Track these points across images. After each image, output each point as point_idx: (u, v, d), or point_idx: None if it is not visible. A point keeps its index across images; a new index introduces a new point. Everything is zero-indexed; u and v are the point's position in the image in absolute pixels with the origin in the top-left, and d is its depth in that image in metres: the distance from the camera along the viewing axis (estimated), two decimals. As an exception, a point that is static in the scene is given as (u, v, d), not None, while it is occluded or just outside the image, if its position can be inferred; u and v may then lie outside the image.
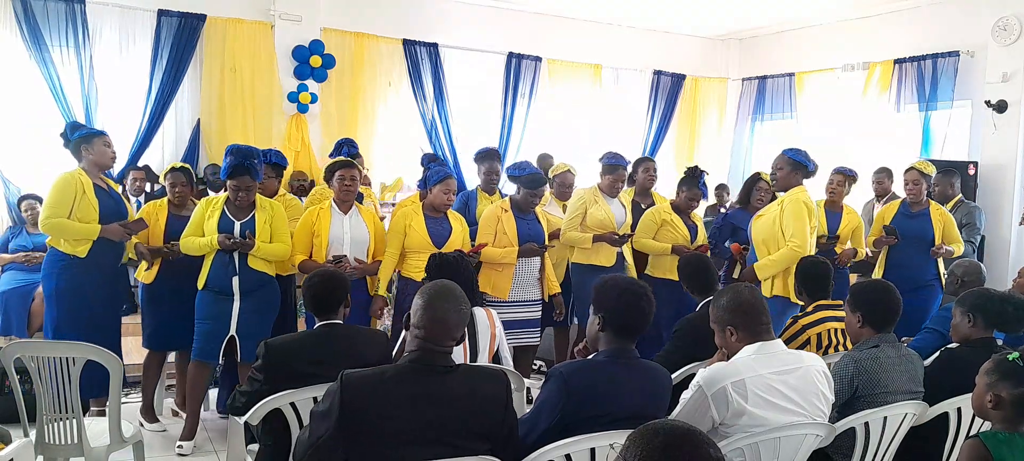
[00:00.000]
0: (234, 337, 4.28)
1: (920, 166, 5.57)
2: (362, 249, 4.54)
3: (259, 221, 4.29)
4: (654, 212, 5.28)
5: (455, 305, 2.31)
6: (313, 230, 4.45)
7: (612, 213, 5.13)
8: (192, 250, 4.28)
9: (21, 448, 2.32)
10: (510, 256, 4.73)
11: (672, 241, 5.14)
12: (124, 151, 7.19)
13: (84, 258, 4.27)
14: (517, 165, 4.99)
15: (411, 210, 4.66)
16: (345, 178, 4.48)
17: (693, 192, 5.21)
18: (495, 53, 8.72)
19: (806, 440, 2.56)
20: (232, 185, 4.23)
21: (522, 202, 4.85)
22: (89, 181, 4.29)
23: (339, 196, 4.51)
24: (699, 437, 1.43)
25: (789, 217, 4.47)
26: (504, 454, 2.26)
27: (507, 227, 4.77)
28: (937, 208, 5.55)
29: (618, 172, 5.17)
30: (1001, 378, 2.20)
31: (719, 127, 10.24)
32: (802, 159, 4.57)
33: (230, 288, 4.24)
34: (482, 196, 5.54)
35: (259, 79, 7.50)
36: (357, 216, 4.57)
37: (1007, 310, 3.24)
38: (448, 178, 4.65)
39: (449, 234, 4.64)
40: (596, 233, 5.06)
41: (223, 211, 4.26)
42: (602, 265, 5.06)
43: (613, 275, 2.80)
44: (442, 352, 2.28)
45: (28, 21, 6.65)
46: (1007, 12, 7.07)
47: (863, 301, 3.07)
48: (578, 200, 5.18)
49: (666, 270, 5.13)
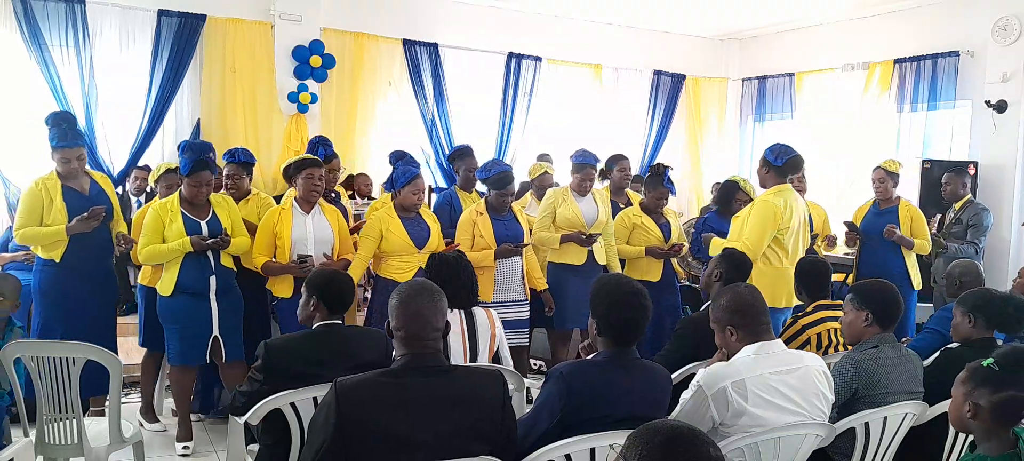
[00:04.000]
0: (217, 338, 4.26)
1: (886, 165, 5.67)
2: (327, 248, 4.45)
3: (222, 218, 4.28)
4: (624, 216, 5.29)
5: (428, 297, 2.32)
6: (275, 231, 4.37)
7: (581, 212, 5.07)
8: (157, 258, 4.20)
9: (21, 448, 2.32)
10: (487, 258, 4.70)
11: (644, 243, 5.15)
12: (124, 151, 7.21)
13: (60, 262, 4.22)
14: (484, 166, 4.97)
15: (385, 213, 4.54)
16: (313, 177, 4.38)
17: (659, 191, 5.20)
18: (495, 53, 8.72)
19: (806, 440, 2.56)
20: (192, 182, 4.17)
21: (495, 202, 4.84)
22: (56, 184, 4.22)
23: (303, 195, 4.40)
24: (699, 437, 1.43)
25: (751, 217, 4.46)
26: (503, 455, 2.26)
27: (483, 230, 4.76)
28: (906, 205, 5.65)
29: (586, 171, 5.11)
30: (978, 385, 2.08)
31: (719, 127, 10.24)
32: (769, 156, 4.49)
33: (206, 289, 4.22)
34: (463, 196, 5.53)
35: (259, 79, 7.49)
36: (320, 215, 4.46)
37: (1007, 311, 3.24)
38: (416, 178, 4.56)
39: (429, 234, 4.58)
40: (565, 233, 5.04)
41: (183, 214, 4.20)
42: (572, 263, 5.06)
43: (606, 278, 2.80)
44: (430, 349, 2.27)
45: (28, 20, 6.65)
46: (1007, 12, 7.07)
47: (871, 299, 3.06)
48: (548, 200, 5.16)
49: (643, 271, 5.13)
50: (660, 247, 5.12)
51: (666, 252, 5.11)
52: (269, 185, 7.24)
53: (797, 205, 4.55)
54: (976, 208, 6.14)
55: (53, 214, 4.19)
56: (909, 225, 5.53)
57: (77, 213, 4.18)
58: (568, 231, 5.03)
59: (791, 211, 4.47)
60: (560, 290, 5.05)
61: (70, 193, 4.26)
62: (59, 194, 4.21)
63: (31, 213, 4.19)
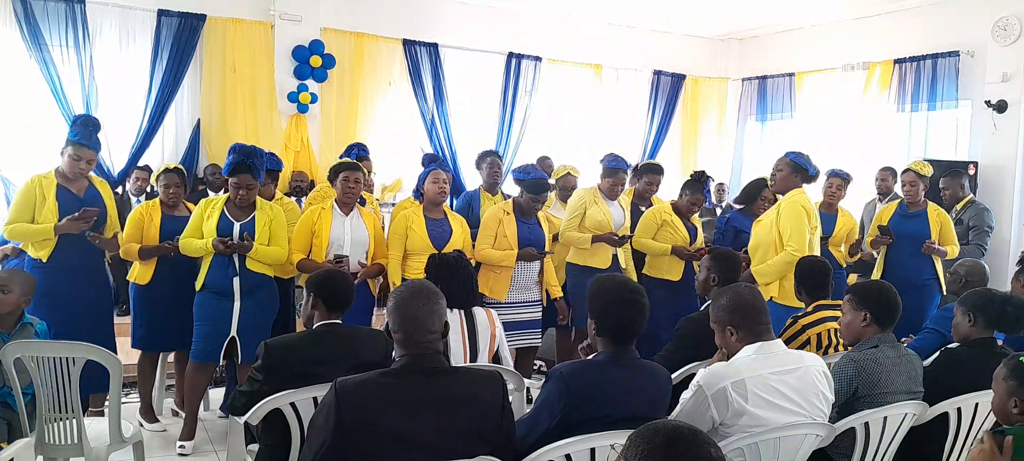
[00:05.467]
0: (235, 338, 4.27)
1: (917, 167, 5.58)
2: (362, 251, 4.53)
3: (259, 222, 4.28)
4: (654, 212, 5.28)
5: (424, 299, 2.31)
6: (313, 230, 4.45)
7: (611, 215, 5.13)
8: (190, 251, 4.26)
9: (21, 448, 2.32)
10: (508, 259, 4.72)
11: (671, 242, 5.13)
12: (124, 151, 7.21)
13: (47, 262, 4.21)
14: (523, 169, 4.97)
15: (411, 212, 4.65)
16: (349, 180, 4.48)
17: (696, 197, 5.21)
18: (495, 53, 8.72)
19: (806, 440, 2.56)
20: (233, 183, 4.21)
21: (525, 206, 4.85)
22: (52, 183, 4.23)
23: (342, 197, 4.51)
24: (699, 437, 1.43)
25: (786, 221, 4.45)
26: (502, 455, 2.26)
27: (508, 230, 4.77)
28: (935, 209, 5.55)
29: (618, 176, 5.16)
30: (1020, 384, 2.19)
31: (719, 127, 10.24)
32: (804, 163, 4.55)
33: (230, 289, 4.23)
34: (485, 196, 5.55)
35: (259, 79, 7.50)
36: (358, 218, 4.56)
37: (1007, 311, 3.24)
38: (435, 169, 4.64)
39: (449, 236, 4.64)
40: (595, 234, 5.06)
41: (223, 212, 4.24)
42: (598, 267, 5.06)
43: (604, 277, 2.79)
44: (428, 351, 2.27)
45: (28, 20, 6.65)
46: (1007, 12, 7.08)
47: (869, 300, 3.06)
48: (578, 201, 5.18)
49: (664, 270, 5.13)
50: (686, 248, 5.11)
51: (692, 253, 5.10)
52: (269, 185, 7.24)
53: (813, 209, 4.61)
54: (977, 208, 6.12)
55: (44, 213, 4.19)
56: (939, 230, 5.44)
57: (68, 214, 4.18)
58: (597, 232, 5.05)
59: (812, 212, 4.55)
60: (581, 292, 5.03)
61: (64, 193, 4.26)
62: (53, 193, 4.21)
63: (22, 209, 4.19)
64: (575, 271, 5.17)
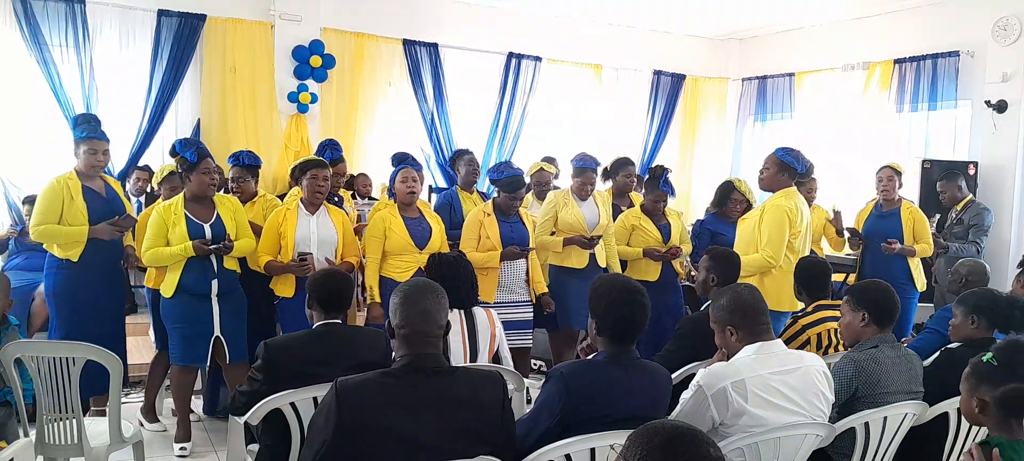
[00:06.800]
0: (219, 339, 4.26)
1: (894, 165, 5.65)
2: (330, 249, 4.46)
3: (226, 220, 4.27)
4: (624, 217, 5.31)
5: (432, 295, 2.32)
6: (279, 231, 4.39)
7: (582, 215, 5.09)
8: (160, 261, 4.20)
9: (21, 448, 2.32)
10: (493, 259, 4.71)
11: (643, 244, 5.17)
12: (124, 151, 7.20)
13: (77, 262, 4.23)
14: (496, 168, 4.96)
15: (387, 212, 4.59)
16: (318, 178, 4.42)
17: (657, 193, 5.22)
18: (495, 53, 8.71)
19: (806, 440, 2.56)
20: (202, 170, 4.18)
21: (503, 205, 4.84)
22: (77, 184, 4.25)
23: (308, 196, 4.44)
24: (699, 437, 1.43)
25: (767, 226, 4.41)
26: (502, 455, 2.26)
27: (490, 230, 4.77)
28: (908, 208, 5.63)
29: (586, 175, 5.13)
30: (979, 382, 2.13)
31: (719, 127, 10.23)
32: (791, 160, 4.46)
33: (208, 291, 4.22)
34: (464, 196, 5.54)
35: (259, 79, 7.49)
36: (325, 216, 4.49)
37: (1014, 314, 3.24)
38: (404, 168, 4.60)
39: (430, 234, 4.61)
40: (566, 236, 5.04)
41: (186, 217, 4.19)
42: (574, 267, 5.07)
43: (605, 277, 2.80)
44: (431, 350, 2.27)
45: (28, 20, 6.64)
46: (1007, 12, 7.07)
47: (867, 300, 3.07)
48: (549, 204, 5.17)
49: (642, 272, 5.14)
50: (657, 249, 5.13)
51: (663, 254, 5.12)
52: (270, 185, 7.23)
53: (803, 207, 4.56)
54: (977, 208, 6.14)
55: (73, 213, 4.20)
56: (912, 228, 5.51)
57: (95, 213, 4.23)
58: (569, 235, 5.03)
59: (799, 213, 4.49)
60: (562, 293, 5.05)
61: (89, 193, 4.29)
62: (80, 193, 4.23)
63: (50, 211, 4.19)
64: (556, 273, 5.17)
